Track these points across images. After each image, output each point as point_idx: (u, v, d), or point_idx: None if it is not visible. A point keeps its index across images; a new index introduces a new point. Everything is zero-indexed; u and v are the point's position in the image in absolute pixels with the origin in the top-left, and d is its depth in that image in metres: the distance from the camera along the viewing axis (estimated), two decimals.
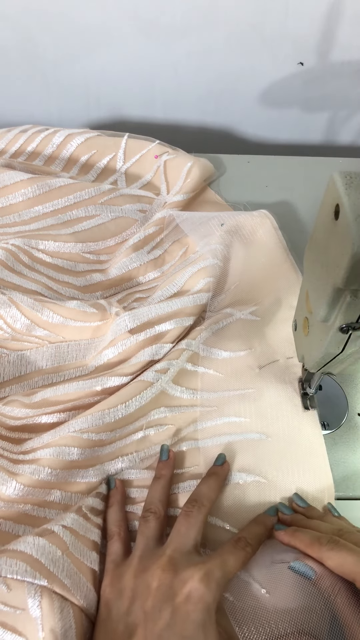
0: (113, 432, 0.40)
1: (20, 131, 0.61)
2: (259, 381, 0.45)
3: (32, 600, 0.29)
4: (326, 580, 0.30)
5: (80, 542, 0.34)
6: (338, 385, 0.46)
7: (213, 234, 0.52)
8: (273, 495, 0.39)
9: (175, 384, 0.44)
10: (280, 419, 0.43)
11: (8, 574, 0.30)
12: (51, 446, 0.38)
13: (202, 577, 0.30)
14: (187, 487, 0.39)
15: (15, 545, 0.32)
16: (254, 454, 0.41)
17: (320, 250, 0.28)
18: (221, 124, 0.76)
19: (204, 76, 0.68)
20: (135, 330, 0.44)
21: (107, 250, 0.55)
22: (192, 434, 0.43)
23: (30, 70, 0.69)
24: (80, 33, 0.64)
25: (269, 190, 0.62)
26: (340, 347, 0.31)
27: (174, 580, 0.30)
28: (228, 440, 0.42)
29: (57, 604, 0.30)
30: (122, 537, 0.36)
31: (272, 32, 0.62)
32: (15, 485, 0.36)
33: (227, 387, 0.45)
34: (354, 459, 0.42)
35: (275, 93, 0.70)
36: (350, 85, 0.68)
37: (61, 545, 0.33)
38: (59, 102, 0.73)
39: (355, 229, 0.22)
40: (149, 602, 0.30)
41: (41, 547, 0.31)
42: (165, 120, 0.75)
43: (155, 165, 0.60)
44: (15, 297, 0.44)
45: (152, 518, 0.35)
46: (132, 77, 0.69)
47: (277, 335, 0.48)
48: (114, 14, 0.61)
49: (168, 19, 0.61)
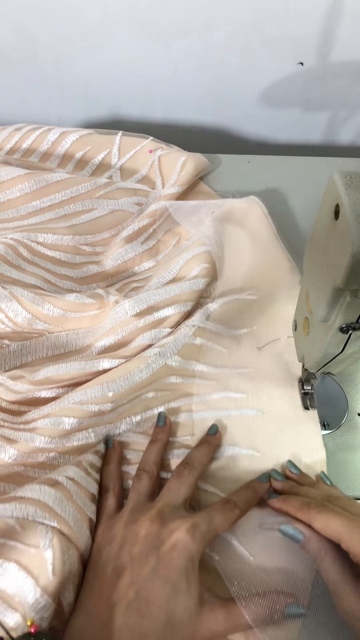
0: (113, 404, 0.41)
1: (15, 129, 0.62)
2: (258, 360, 0.46)
3: (44, 540, 0.31)
4: (314, 543, 0.31)
5: (82, 493, 0.36)
6: (338, 385, 0.46)
7: (204, 222, 0.53)
8: (266, 467, 0.40)
9: (176, 355, 0.45)
10: (277, 397, 0.44)
11: (20, 515, 0.32)
12: (50, 416, 0.39)
13: (189, 528, 0.32)
14: (179, 454, 0.41)
15: (22, 492, 0.33)
16: (249, 429, 0.42)
17: (320, 250, 0.28)
18: (221, 123, 0.76)
19: (203, 76, 0.68)
20: (135, 317, 0.45)
21: (103, 242, 0.56)
22: (188, 406, 0.44)
23: (30, 70, 0.69)
24: (80, 33, 0.64)
25: (269, 190, 0.62)
26: (340, 347, 0.31)
27: (161, 530, 0.32)
28: (224, 414, 0.43)
29: (65, 545, 0.31)
30: (117, 492, 0.37)
31: (272, 32, 0.62)
32: (12, 452, 0.38)
33: (226, 363, 0.46)
34: (354, 459, 0.42)
35: (275, 93, 0.70)
36: (350, 85, 0.68)
37: (66, 493, 0.34)
38: (59, 101, 0.73)
39: (355, 229, 0.22)
40: (136, 548, 0.32)
41: (48, 493, 0.33)
42: (165, 120, 0.75)
43: (150, 161, 0.61)
44: (16, 291, 0.44)
45: (145, 476, 0.37)
46: (132, 77, 0.69)
47: (277, 316, 0.49)
48: (114, 14, 0.61)
49: (168, 19, 0.61)
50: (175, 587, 0.30)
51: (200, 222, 0.54)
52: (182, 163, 0.59)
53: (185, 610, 0.30)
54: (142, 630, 0.29)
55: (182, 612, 0.30)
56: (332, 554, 0.31)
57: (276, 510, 0.35)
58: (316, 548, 0.31)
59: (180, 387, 0.45)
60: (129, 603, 0.30)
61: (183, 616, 0.29)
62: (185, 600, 0.30)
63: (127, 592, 0.30)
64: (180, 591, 0.30)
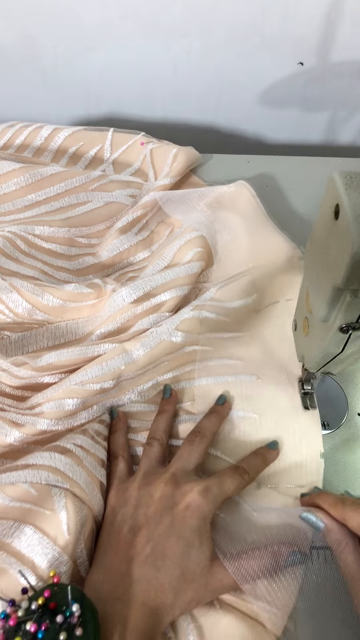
0: (114, 381, 0.41)
1: (8, 126, 0.63)
2: (256, 325, 0.47)
3: (58, 502, 0.33)
4: (335, 534, 0.33)
5: (91, 458, 0.37)
6: (338, 385, 0.46)
7: (195, 209, 0.55)
8: (265, 429, 0.41)
9: (177, 330, 0.46)
10: (273, 362, 0.45)
11: (34, 479, 0.34)
12: (53, 399, 0.40)
13: (201, 490, 0.34)
14: (182, 420, 0.42)
15: (34, 460, 0.35)
16: (246, 394, 0.43)
17: (320, 250, 0.28)
18: (221, 123, 0.76)
19: (203, 76, 0.68)
20: (133, 304, 0.46)
21: (98, 234, 0.57)
22: (188, 374, 0.45)
23: (30, 69, 0.69)
24: (80, 32, 0.64)
25: (269, 190, 0.62)
26: (340, 347, 0.31)
27: (175, 492, 0.34)
28: (222, 380, 0.44)
29: (78, 505, 0.33)
30: (126, 458, 0.39)
31: (272, 32, 0.62)
32: (16, 434, 0.39)
33: (225, 329, 0.47)
34: (354, 459, 0.42)
35: (275, 93, 0.70)
36: (350, 85, 0.68)
37: (76, 459, 0.36)
38: (59, 101, 0.73)
39: (355, 229, 0.22)
40: (151, 508, 0.34)
41: (58, 460, 0.35)
42: (165, 120, 0.75)
43: (142, 154, 0.62)
44: (16, 282, 0.45)
45: (156, 444, 0.39)
46: (132, 77, 0.69)
47: (275, 280, 0.50)
48: (114, 14, 0.61)
49: (168, 19, 0.61)
50: (188, 543, 0.32)
51: (191, 209, 0.55)
52: (173, 155, 0.60)
53: (197, 564, 0.32)
54: (158, 583, 0.31)
55: (195, 566, 0.32)
56: (352, 547, 0.32)
57: (309, 505, 0.36)
58: (337, 539, 0.32)
59: (181, 357, 0.46)
60: (145, 558, 0.32)
61: (196, 570, 0.32)
62: (197, 556, 0.32)
63: (144, 547, 0.32)
64: (194, 547, 0.32)
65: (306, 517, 0.34)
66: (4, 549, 0.31)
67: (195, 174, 0.64)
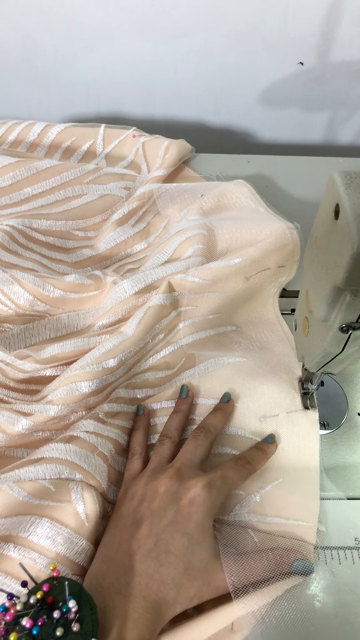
0: (115, 359, 0.42)
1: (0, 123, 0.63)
2: (243, 287, 0.49)
3: (75, 494, 0.34)
4: None
5: (105, 440, 0.39)
6: (338, 385, 0.46)
7: (193, 205, 0.55)
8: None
9: (161, 293, 0.46)
10: (253, 315, 0.48)
11: (52, 475, 0.35)
12: (61, 386, 0.40)
13: (205, 485, 0.34)
14: (177, 381, 0.45)
15: (49, 453, 0.36)
16: (226, 344, 0.46)
17: (320, 250, 0.28)
18: (221, 123, 0.76)
19: (203, 76, 0.68)
20: (134, 296, 0.46)
21: (94, 226, 0.57)
22: (176, 337, 0.47)
23: (30, 69, 0.69)
24: (80, 32, 0.64)
25: (269, 190, 0.62)
26: (340, 346, 0.31)
27: (179, 487, 0.34)
28: (204, 335, 0.46)
29: (94, 494, 0.35)
30: (143, 456, 0.40)
31: (272, 32, 0.62)
32: (25, 422, 0.39)
33: (210, 290, 0.48)
34: (354, 459, 0.42)
35: (275, 93, 0.70)
36: (350, 85, 0.68)
37: (89, 447, 0.37)
38: (59, 101, 0.73)
39: (355, 229, 0.22)
40: (155, 503, 0.34)
41: (72, 451, 0.36)
42: (165, 120, 0.75)
43: (135, 148, 0.63)
44: (17, 274, 0.46)
45: (167, 442, 0.39)
46: (132, 77, 0.69)
47: (269, 248, 0.49)
48: (114, 14, 0.61)
49: (168, 19, 0.62)
50: (192, 539, 0.32)
51: (188, 204, 0.56)
52: (165, 147, 0.61)
53: (200, 561, 0.32)
54: (160, 578, 0.31)
55: (198, 562, 0.32)
56: None
57: None
58: None
59: (170, 322, 0.47)
60: (148, 552, 0.32)
61: (199, 567, 0.32)
62: (201, 552, 0.32)
63: (146, 541, 0.32)
64: (197, 543, 0.32)
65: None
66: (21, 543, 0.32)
67: None
